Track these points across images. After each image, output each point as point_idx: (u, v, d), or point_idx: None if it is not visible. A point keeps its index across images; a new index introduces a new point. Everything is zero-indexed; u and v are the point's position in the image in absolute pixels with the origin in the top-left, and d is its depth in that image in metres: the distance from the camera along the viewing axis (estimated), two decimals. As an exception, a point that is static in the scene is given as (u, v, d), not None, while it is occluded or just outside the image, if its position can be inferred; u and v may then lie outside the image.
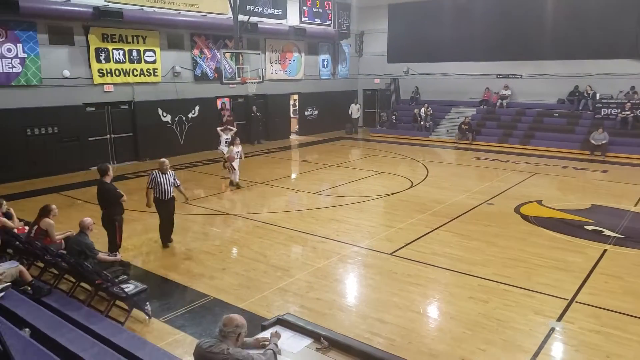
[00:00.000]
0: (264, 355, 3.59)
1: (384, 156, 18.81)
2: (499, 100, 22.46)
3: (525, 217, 10.60)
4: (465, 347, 5.62)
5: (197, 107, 19.13)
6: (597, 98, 20.04)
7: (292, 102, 24.68)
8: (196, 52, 18.92)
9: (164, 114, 18.17)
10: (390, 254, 8.50)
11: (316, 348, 3.93)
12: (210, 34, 19.20)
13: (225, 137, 14.84)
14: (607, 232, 9.54)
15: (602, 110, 19.66)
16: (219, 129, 15.54)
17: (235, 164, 13.26)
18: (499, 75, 22.73)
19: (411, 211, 11.04)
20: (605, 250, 8.60)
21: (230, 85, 19.60)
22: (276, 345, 3.78)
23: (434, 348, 5.60)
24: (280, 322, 4.34)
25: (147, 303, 6.33)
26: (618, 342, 5.69)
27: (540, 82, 21.60)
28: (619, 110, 19.10)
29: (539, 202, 11.76)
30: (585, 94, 20.42)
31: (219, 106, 20.18)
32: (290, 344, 3.99)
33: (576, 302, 6.70)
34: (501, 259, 8.29)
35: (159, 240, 9.00)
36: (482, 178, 14.90)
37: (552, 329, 5.99)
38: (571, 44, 20.44)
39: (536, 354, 5.46)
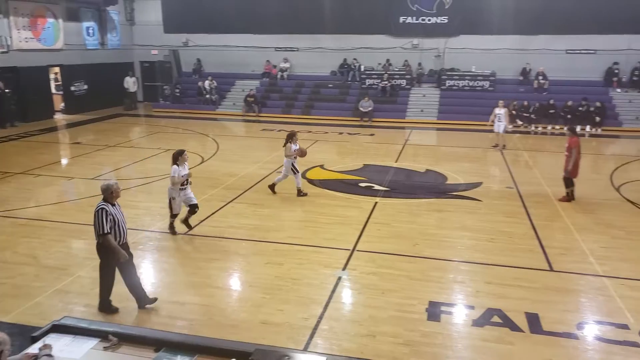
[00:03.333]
0: (36, 369, 3.05)
1: (171, 132, 17.92)
2: (279, 73, 23.47)
3: (310, 181, 11.39)
4: (265, 310, 5.79)
5: None
6: (362, 70, 22.61)
7: (53, 75, 21.46)
8: None
9: None
10: (185, 233, 8.19)
11: (104, 347, 3.51)
12: None
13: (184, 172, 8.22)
14: (376, 187, 10.93)
15: (367, 80, 22.28)
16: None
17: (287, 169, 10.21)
18: (278, 48, 23.67)
19: (204, 187, 10.77)
20: (376, 203, 9.84)
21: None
22: (50, 355, 3.24)
23: (234, 318, 5.62)
24: (57, 328, 3.74)
25: None
26: (390, 279, 6.60)
27: (316, 55, 23.25)
28: (379, 80, 21.92)
29: (321, 167, 12.78)
30: (352, 66, 22.81)
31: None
32: (72, 349, 3.50)
33: (357, 250, 7.52)
34: (292, 222, 8.77)
35: None
36: (270, 148, 15.42)
37: (339, 278, 6.61)
38: (339, 20, 22.46)
39: (327, 304, 5.96)
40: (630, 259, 7.28)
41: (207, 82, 22.77)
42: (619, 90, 19.96)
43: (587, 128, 18.34)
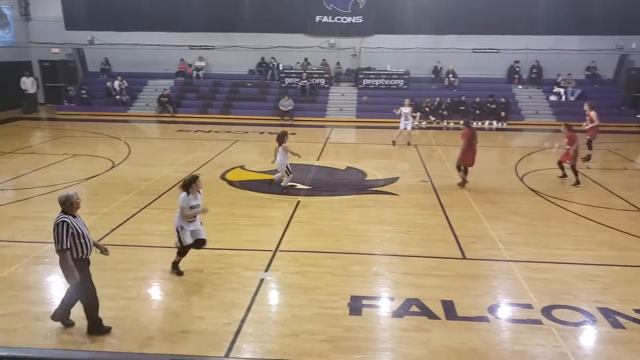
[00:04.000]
0: None
1: (78, 136, 16.75)
2: (195, 72, 22.76)
3: (230, 183, 11.14)
4: (184, 319, 5.56)
5: None
6: (281, 69, 22.52)
7: None
8: None
9: None
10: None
11: (-4, 377, 3.14)
12: None
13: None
14: (299, 186, 10.92)
15: (286, 79, 22.24)
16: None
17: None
18: (192, 46, 22.93)
19: (115, 193, 10.16)
20: (298, 202, 9.82)
21: None
22: None
23: (151, 329, 5.34)
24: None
25: None
26: (312, 277, 6.60)
27: (232, 54, 22.79)
28: (299, 79, 21.96)
29: (242, 167, 12.55)
30: (270, 65, 22.65)
31: None
32: (-44, 384, 3.07)
33: (279, 251, 7.45)
34: (212, 225, 8.43)
35: None
36: (187, 150, 14.93)
37: (262, 280, 6.50)
38: (256, 18, 22.17)
39: (250, 307, 5.83)
40: (532, 243, 7.86)
41: (116, 83, 21.55)
42: (520, 87, 21.60)
43: (494, 123, 19.65)
